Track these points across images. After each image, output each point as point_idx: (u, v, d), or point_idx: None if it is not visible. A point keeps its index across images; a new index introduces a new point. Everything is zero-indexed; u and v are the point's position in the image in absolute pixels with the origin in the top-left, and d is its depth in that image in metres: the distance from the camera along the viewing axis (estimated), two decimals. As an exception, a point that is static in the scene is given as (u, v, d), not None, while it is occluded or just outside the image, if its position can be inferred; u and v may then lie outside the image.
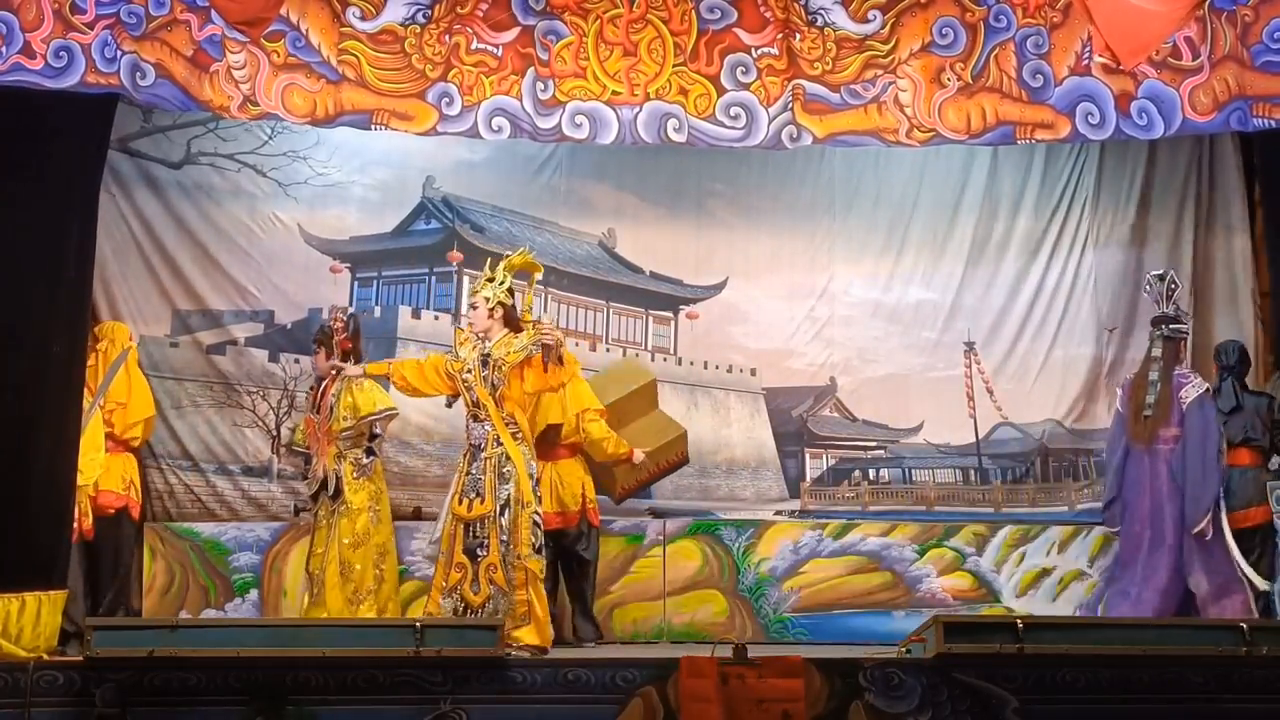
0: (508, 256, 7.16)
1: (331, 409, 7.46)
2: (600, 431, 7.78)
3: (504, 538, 6.79)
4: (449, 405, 7.34)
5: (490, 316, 7.00)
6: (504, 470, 6.84)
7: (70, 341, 6.78)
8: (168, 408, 8.24)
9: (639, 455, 7.97)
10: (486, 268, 7.12)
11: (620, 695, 5.74)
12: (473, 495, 6.86)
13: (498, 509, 6.80)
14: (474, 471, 6.89)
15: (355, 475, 7.42)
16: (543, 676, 5.79)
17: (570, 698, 5.76)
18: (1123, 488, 7.64)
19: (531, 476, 6.90)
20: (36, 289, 6.63)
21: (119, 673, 5.58)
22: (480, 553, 6.79)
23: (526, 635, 6.65)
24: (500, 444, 6.87)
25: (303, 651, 5.68)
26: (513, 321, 7.07)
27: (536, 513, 6.89)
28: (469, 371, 6.96)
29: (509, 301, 7.06)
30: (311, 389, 7.79)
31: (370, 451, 7.51)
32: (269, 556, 8.02)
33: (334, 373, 7.48)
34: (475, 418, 6.97)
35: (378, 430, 7.60)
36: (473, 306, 7.12)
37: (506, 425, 6.90)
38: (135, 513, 7.72)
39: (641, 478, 8.46)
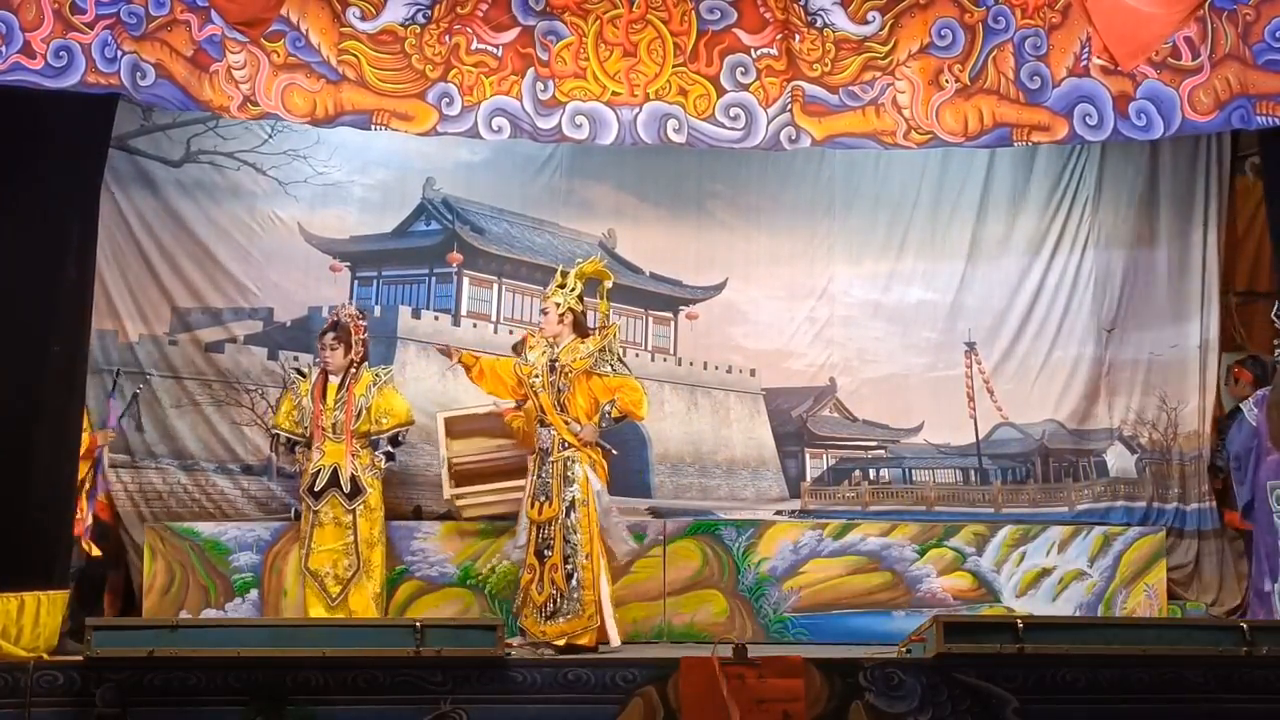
0: (579, 264, 7.37)
1: (362, 410, 7.49)
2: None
3: (569, 538, 6.96)
4: (518, 408, 7.46)
5: (560, 322, 7.22)
6: (569, 473, 7.04)
7: (70, 341, 6.77)
8: (167, 406, 8.26)
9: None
10: (558, 274, 7.31)
11: (620, 695, 5.75)
12: (542, 499, 7.10)
13: (564, 510, 7.00)
14: (543, 475, 7.11)
15: (370, 474, 7.52)
16: (543, 676, 5.81)
17: (570, 698, 5.78)
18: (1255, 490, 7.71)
19: (600, 481, 7.09)
20: (36, 289, 6.62)
21: (119, 673, 5.59)
22: (546, 554, 7.02)
23: (582, 637, 6.91)
24: (565, 448, 7.05)
25: (303, 651, 5.69)
26: (581, 328, 7.27)
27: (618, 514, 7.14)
28: (537, 376, 7.16)
29: (579, 308, 7.28)
30: (301, 378, 7.70)
31: (391, 456, 7.64)
32: (269, 556, 8.00)
33: (352, 369, 7.53)
34: (542, 422, 7.15)
35: (401, 436, 7.72)
36: (543, 312, 7.34)
37: (570, 429, 7.07)
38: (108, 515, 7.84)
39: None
